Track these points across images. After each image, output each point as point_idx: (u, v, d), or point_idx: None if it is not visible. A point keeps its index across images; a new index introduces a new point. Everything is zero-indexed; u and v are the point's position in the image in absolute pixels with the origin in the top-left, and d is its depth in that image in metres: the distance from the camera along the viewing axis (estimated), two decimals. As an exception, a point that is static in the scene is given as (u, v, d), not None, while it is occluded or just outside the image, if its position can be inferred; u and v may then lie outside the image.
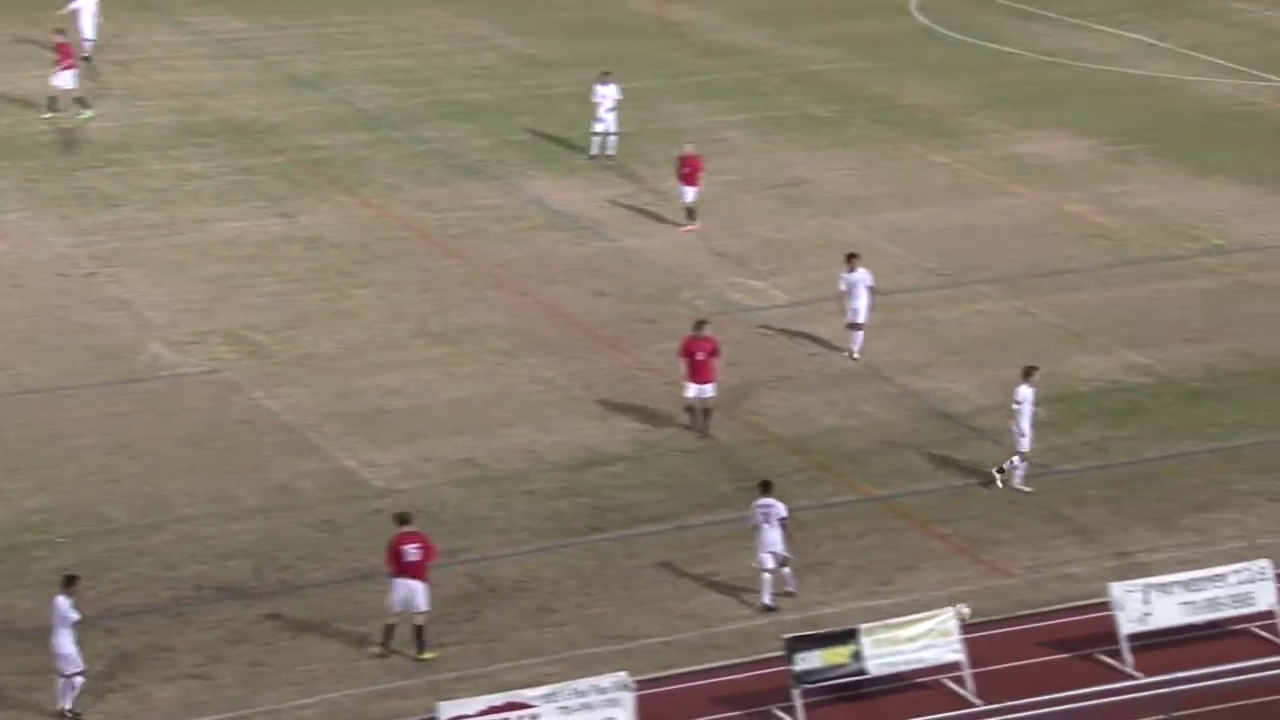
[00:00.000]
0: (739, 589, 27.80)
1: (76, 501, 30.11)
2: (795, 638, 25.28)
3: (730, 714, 25.09)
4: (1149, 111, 49.86)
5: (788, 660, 25.04)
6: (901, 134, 47.99)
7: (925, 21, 58.51)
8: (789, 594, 27.60)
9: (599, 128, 45.46)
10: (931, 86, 51.74)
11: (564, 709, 24.08)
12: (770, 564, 27.49)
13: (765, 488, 27.76)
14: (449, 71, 53.17)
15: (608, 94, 45.29)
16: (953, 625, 25.63)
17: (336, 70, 52.73)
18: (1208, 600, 26.53)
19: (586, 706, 24.10)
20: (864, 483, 31.07)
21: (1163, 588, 26.50)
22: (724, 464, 31.59)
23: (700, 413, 32.39)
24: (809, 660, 25.09)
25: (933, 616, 25.69)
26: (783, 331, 36.50)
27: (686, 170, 41.09)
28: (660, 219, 41.82)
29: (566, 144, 46.86)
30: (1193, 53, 54.78)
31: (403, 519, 26.45)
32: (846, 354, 35.06)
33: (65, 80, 47.39)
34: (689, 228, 40.79)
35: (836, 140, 47.59)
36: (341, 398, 33.53)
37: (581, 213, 42.54)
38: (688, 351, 32.37)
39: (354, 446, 31.91)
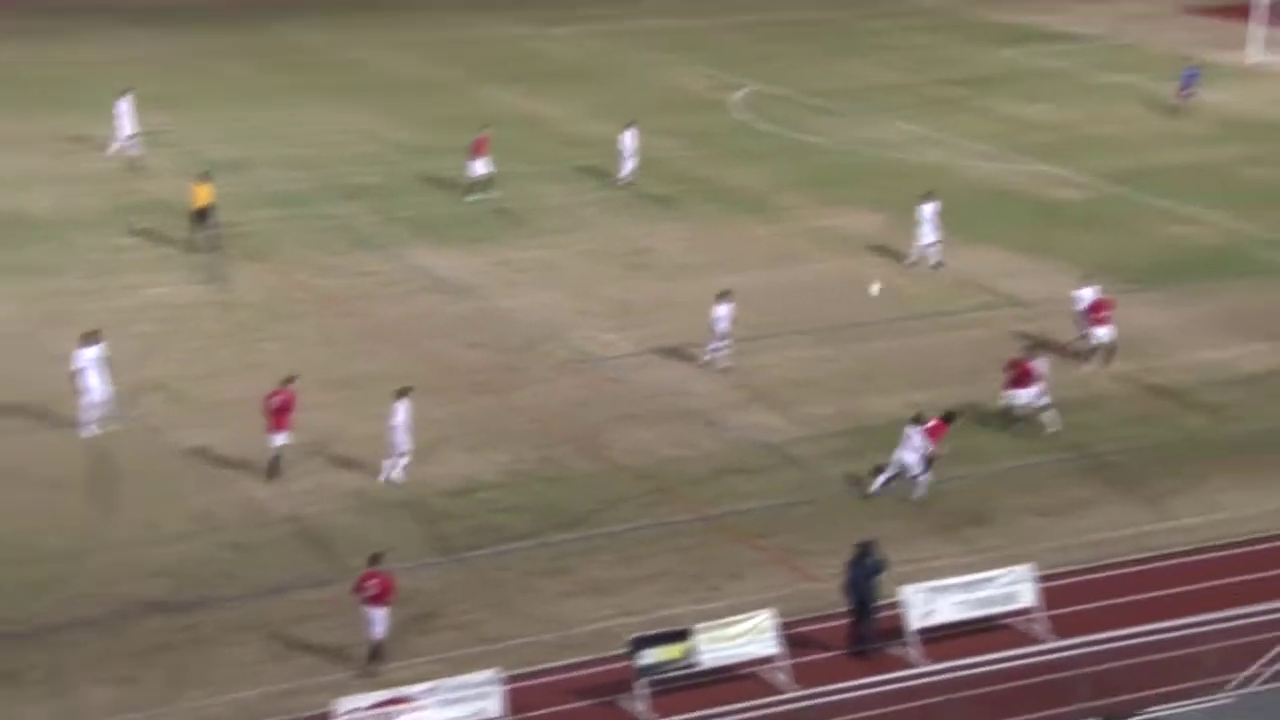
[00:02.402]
0: (593, 595, 27.71)
1: (19, 530, 29.34)
2: (639, 637, 25.19)
3: (584, 704, 24.94)
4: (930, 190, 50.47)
5: (633, 657, 24.95)
6: (726, 210, 48.23)
7: (745, 116, 58.91)
8: None
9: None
10: (750, 170, 52.07)
11: (443, 702, 23.82)
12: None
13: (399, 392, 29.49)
14: (343, 158, 52.76)
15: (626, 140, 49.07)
16: (770, 623, 25.65)
17: (249, 158, 52.12)
18: (980, 599, 26.77)
19: (462, 700, 23.85)
20: (698, 504, 31.06)
21: (943, 589, 26.70)
22: (580, 490, 31.47)
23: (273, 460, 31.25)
24: (651, 656, 25.02)
25: (754, 617, 25.71)
26: (629, 377, 36.49)
27: None
28: (523, 283, 41.75)
29: (444, 219, 46.70)
30: (964, 141, 55.56)
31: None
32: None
33: None
34: None
35: (673, 215, 47.72)
36: (251, 437, 32.96)
37: (458, 277, 42.33)
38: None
39: (262, 479, 31.39)
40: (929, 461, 31.14)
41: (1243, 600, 26.66)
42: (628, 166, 49.80)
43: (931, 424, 31.53)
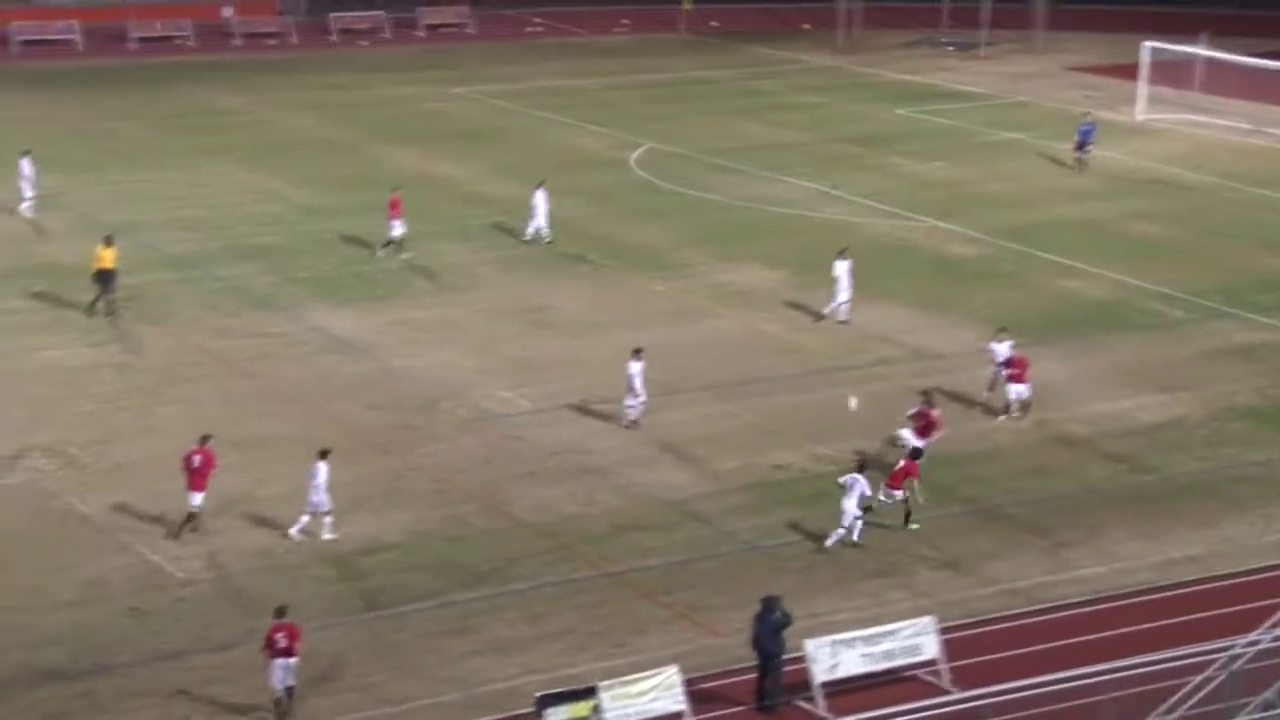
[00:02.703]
0: (497, 654, 27.49)
1: (-90, 598, 28.70)
2: (545, 695, 25.00)
3: (490, 764, 24.70)
4: (827, 247, 50.78)
5: (539, 716, 24.74)
6: (626, 267, 48.36)
7: (643, 175, 59.20)
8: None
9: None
10: (650, 228, 52.25)
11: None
12: None
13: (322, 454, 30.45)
14: (241, 219, 52.39)
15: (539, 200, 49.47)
16: (676, 680, 25.54)
17: (143, 220, 51.62)
18: (884, 652, 26.85)
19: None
20: (601, 561, 30.97)
21: (847, 642, 26.74)
22: (482, 548, 31.27)
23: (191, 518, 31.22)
24: (557, 715, 24.82)
25: (659, 673, 25.60)
26: (529, 434, 36.40)
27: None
28: (423, 342, 41.63)
29: (344, 279, 46.48)
30: (860, 199, 56.08)
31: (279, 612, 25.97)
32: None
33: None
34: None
35: (574, 273, 47.79)
36: (149, 500, 32.48)
37: (357, 337, 42.09)
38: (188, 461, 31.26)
39: (160, 543, 30.94)
40: (866, 510, 31.29)
41: (1140, 649, 26.87)
42: (539, 225, 49.80)
43: (901, 464, 31.76)
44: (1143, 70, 68.57)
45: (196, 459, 31.15)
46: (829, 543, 31.27)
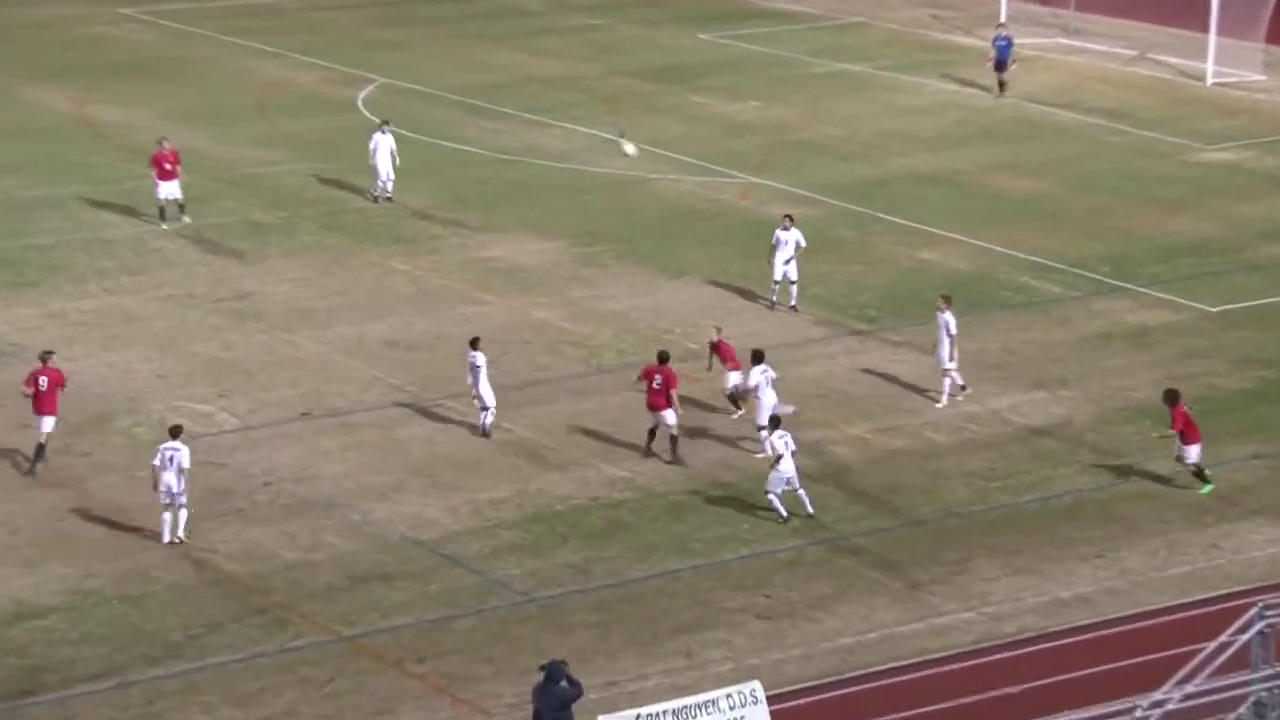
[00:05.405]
0: (195, 750, 27.26)
1: None
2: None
3: None
4: (613, 210, 51.26)
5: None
6: (356, 240, 48.11)
7: (374, 119, 58.88)
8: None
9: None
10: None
11: None
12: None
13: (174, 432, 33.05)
14: None
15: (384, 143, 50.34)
16: (434, 773, 25.50)
17: None
18: (701, 727, 27.10)
19: None
20: (332, 622, 30.80)
21: (653, 717, 26.91)
22: (173, 611, 30.91)
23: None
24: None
25: (412, 765, 25.58)
26: (234, 459, 36.07)
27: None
28: (86, 340, 40.96)
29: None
30: (655, 149, 56.44)
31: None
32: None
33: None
34: None
35: (286, 248, 47.41)
36: None
37: (-1, 336, 41.43)
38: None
39: None
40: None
41: (1021, 716, 27.58)
42: (384, 178, 50.31)
43: (1183, 413, 35.52)
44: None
45: (43, 380, 34.70)
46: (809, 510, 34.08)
